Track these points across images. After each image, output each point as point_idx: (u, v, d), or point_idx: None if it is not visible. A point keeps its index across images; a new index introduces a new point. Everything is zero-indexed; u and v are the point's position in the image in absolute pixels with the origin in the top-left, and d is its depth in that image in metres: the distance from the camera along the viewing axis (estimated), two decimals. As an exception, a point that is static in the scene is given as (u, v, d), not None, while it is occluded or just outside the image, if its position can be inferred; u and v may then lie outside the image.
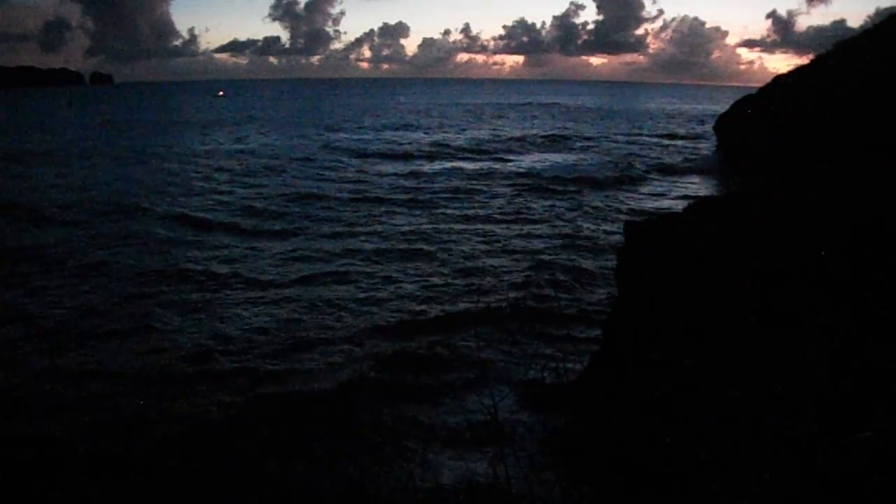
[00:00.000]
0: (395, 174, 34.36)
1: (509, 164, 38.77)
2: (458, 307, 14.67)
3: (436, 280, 16.63)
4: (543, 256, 19.06)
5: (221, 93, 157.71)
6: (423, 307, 14.66)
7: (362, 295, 15.28)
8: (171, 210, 24.51)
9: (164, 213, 23.93)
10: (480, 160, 40.32)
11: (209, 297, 15.07)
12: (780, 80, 32.46)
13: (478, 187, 30.32)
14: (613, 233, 21.37)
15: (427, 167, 37.01)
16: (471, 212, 25.00)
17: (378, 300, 14.95)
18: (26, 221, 22.50)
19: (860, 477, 2.65)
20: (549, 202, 27.22)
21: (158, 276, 16.52)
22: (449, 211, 25.18)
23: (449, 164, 38.17)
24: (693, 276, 7.34)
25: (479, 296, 15.17)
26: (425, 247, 19.57)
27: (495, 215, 24.44)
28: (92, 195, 27.24)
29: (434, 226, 22.62)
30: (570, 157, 42.22)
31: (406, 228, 22.11)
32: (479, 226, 22.67)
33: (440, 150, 44.19)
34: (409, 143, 48.84)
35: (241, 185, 30.89)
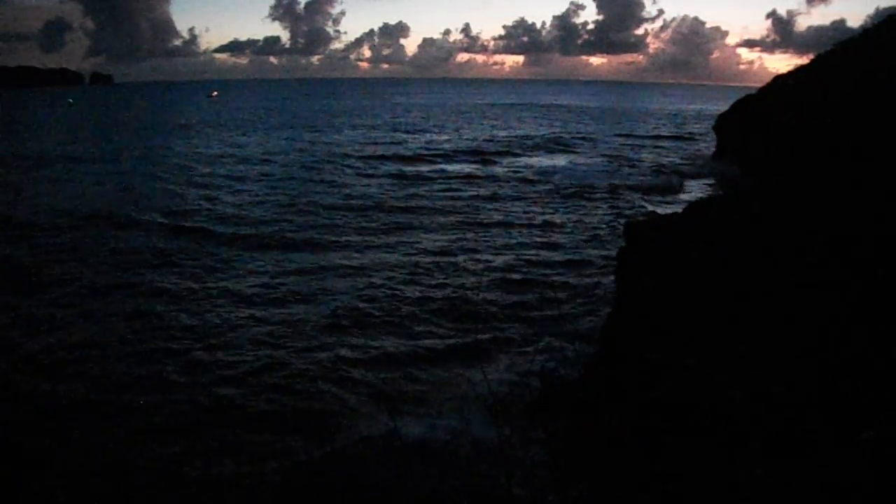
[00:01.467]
0: (395, 178, 33.68)
1: (510, 167, 38.52)
2: (458, 310, 14.67)
3: (436, 285, 16.61)
4: (544, 259, 19.08)
5: (215, 93, 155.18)
6: (424, 312, 14.65)
7: (360, 305, 14.90)
8: (159, 220, 23.54)
9: (153, 223, 23.09)
10: (482, 163, 40.05)
11: (199, 316, 14.35)
12: (779, 80, 32.49)
13: (480, 192, 29.84)
14: (612, 233, 21.37)
15: (428, 170, 36.51)
16: (474, 218, 24.49)
17: (377, 308, 14.76)
18: (14, 232, 21.78)
19: (860, 477, 2.65)
20: (549, 205, 27.15)
21: (148, 291, 15.88)
22: (451, 218, 24.38)
23: (450, 167, 37.82)
24: (693, 276, 7.34)
25: (479, 301, 15.13)
26: (426, 257, 19.05)
27: (498, 221, 24.04)
28: (82, 203, 26.47)
29: (435, 233, 22.15)
30: (570, 160, 42.17)
31: (406, 238, 21.34)
32: (483, 231, 22.33)
33: (442, 153, 43.68)
34: (411, 145, 48.39)
35: (231, 191, 29.79)
